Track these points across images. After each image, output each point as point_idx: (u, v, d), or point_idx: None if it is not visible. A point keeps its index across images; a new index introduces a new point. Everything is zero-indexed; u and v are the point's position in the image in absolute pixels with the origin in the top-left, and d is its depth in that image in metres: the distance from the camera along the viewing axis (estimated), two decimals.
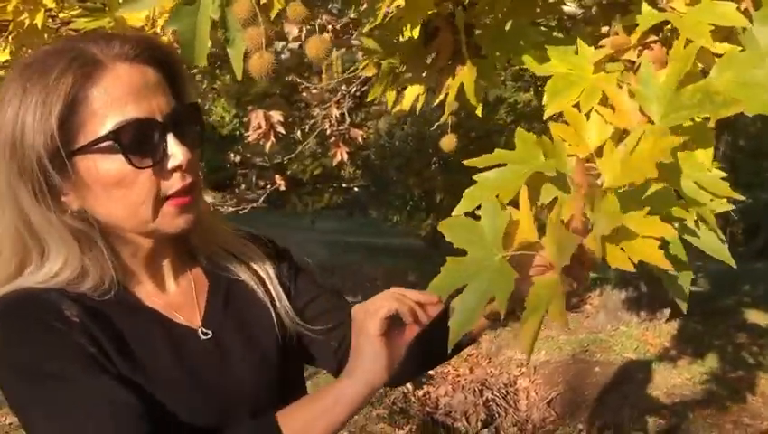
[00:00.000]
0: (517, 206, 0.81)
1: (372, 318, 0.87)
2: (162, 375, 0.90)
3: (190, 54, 0.86)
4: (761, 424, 4.11)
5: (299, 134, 4.19)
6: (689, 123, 0.85)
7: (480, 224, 0.80)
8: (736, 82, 0.88)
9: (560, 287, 0.73)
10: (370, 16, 1.26)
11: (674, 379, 4.66)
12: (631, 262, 0.75)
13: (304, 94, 3.66)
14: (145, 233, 0.92)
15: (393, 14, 1.24)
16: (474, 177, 0.87)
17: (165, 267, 0.99)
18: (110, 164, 0.86)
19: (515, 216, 0.80)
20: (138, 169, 0.86)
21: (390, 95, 1.39)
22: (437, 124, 1.60)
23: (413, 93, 1.34)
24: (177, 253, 1.00)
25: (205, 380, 0.94)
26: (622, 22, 1.05)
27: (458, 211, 0.89)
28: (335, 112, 3.44)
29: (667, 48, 1.00)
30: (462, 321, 0.78)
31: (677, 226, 0.82)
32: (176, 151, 0.88)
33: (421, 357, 0.98)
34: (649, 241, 0.74)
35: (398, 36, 1.33)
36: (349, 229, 11.69)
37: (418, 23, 1.20)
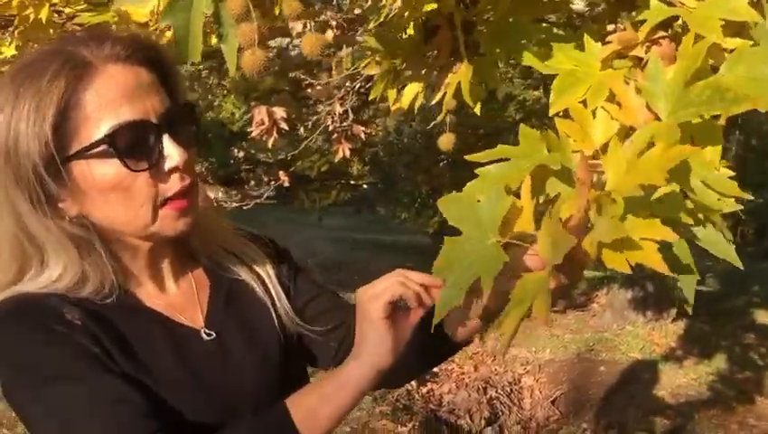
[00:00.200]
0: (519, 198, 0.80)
1: (376, 301, 0.85)
2: (165, 376, 0.89)
3: (184, 50, 0.86)
4: (767, 425, 4.09)
5: (304, 130, 4.20)
6: (698, 120, 0.82)
7: (478, 205, 0.79)
8: (747, 78, 0.84)
9: (548, 283, 0.72)
10: (374, 14, 1.26)
11: (680, 379, 4.64)
12: (628, 264, 0.73)
13: (309, 90, 3.66)
14: (144, 237, 0.91)
15: (395, 12, 1.24)
16: (477, 171, 0.86)
17: (165, 268, 0.98)
18: (106, 168, 0.85)
19: (518, 205, 0.79)
20: (135, 172, 0.85)
21: (392, 93, 1.39)
22: (434, 123, 1.58)
23: (412, 91, 1.33)
24: (177, 254, 0.99)
25: (208, 380, 0.93)
26: (629, 18, 1.04)
27: None
28: (338, 109, 3.44)
29: (676, 44, 0.98)
30: (448, 296, 0.78)
31: (682, 228, 0.80)
32: (173, 152, 0.87)
33: (421, 354, 0.98)
34: (647, 244, 0.72)
35: (401, 34, 1.32)
36: (356, 226, 11.70)
37: (417, 20, 1.20)
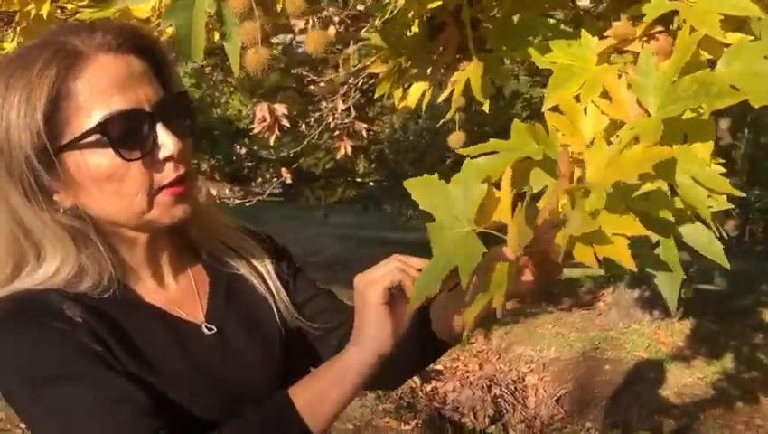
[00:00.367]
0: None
1: (374, 287, 0.85)
2: (167, 371, 0.89)
3: (186, 49, 0.85)
4: None
5: (307, 128, 4.20)
6: (690, 114, 0.81)
7: (450, 189, 0.79)
8: (745, 73, 0.84)
9: (511, 274, 0.73)
10: (378, 11, 1.24)
11: (686, 378, 4.62)
12: (596, 259, 0.72)
13: (312, 87, 3.66)
14: (140, 226, 0.90)
15: (399, 9, 1.23)
16: (464, 163, 0.85)
17: (165, 262, 0.97)
18: (100, 158, 0.84)
19: (497, 195, 0.78)
20: (129, 162, 0.84)
21: (398, 92, 1.37)
22: (442, 121, 1.57)
23: (418, 90, 1.32)
24: (176, 248, 0.99)
25: (210, 374, 0.93)
26: (629, 12, 1.03)
27: None
28: (341, 105, 3.44)
29: (673, 39, 0.97)
30: (423, 283, 0.77)
31: (668, 226, 0.79)
32: (167, 141, 0.86)
33: (419, 344, 0.98)
34: (618, 239, 0.72)
35: (405, 31, 1.31)
36: (362, 223, 11.70)
37: (422, 17, 1.18)
